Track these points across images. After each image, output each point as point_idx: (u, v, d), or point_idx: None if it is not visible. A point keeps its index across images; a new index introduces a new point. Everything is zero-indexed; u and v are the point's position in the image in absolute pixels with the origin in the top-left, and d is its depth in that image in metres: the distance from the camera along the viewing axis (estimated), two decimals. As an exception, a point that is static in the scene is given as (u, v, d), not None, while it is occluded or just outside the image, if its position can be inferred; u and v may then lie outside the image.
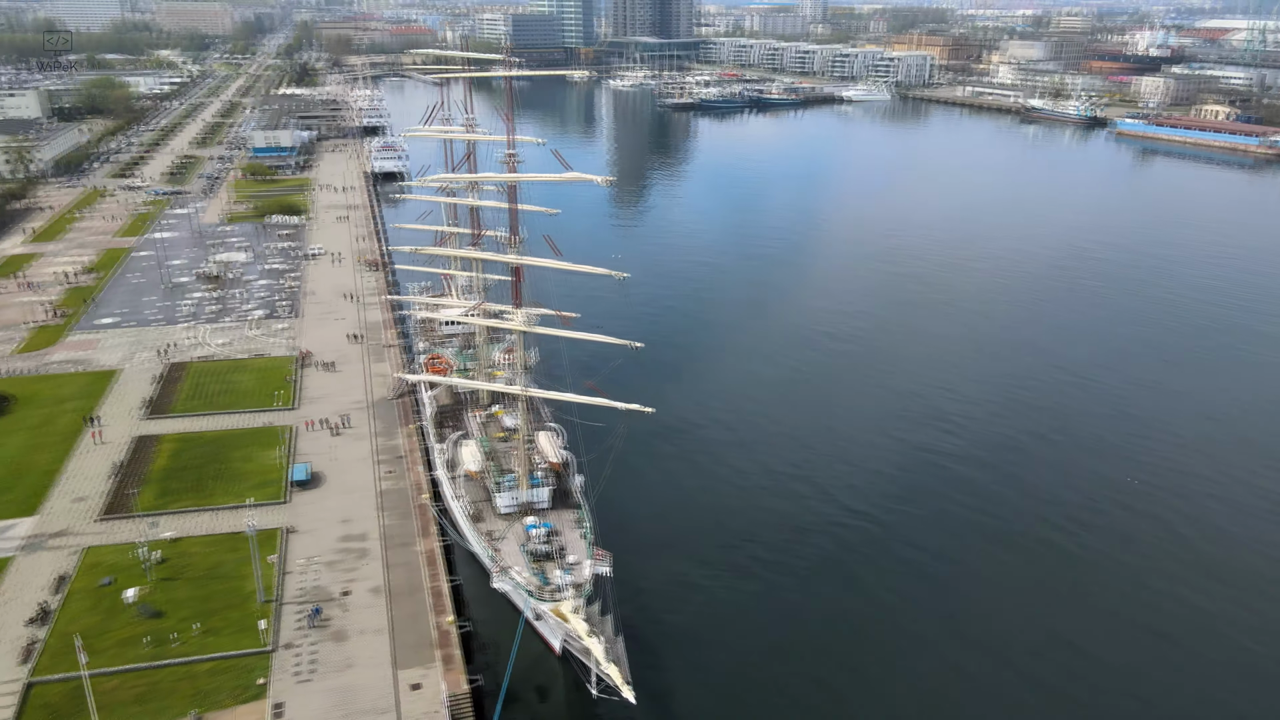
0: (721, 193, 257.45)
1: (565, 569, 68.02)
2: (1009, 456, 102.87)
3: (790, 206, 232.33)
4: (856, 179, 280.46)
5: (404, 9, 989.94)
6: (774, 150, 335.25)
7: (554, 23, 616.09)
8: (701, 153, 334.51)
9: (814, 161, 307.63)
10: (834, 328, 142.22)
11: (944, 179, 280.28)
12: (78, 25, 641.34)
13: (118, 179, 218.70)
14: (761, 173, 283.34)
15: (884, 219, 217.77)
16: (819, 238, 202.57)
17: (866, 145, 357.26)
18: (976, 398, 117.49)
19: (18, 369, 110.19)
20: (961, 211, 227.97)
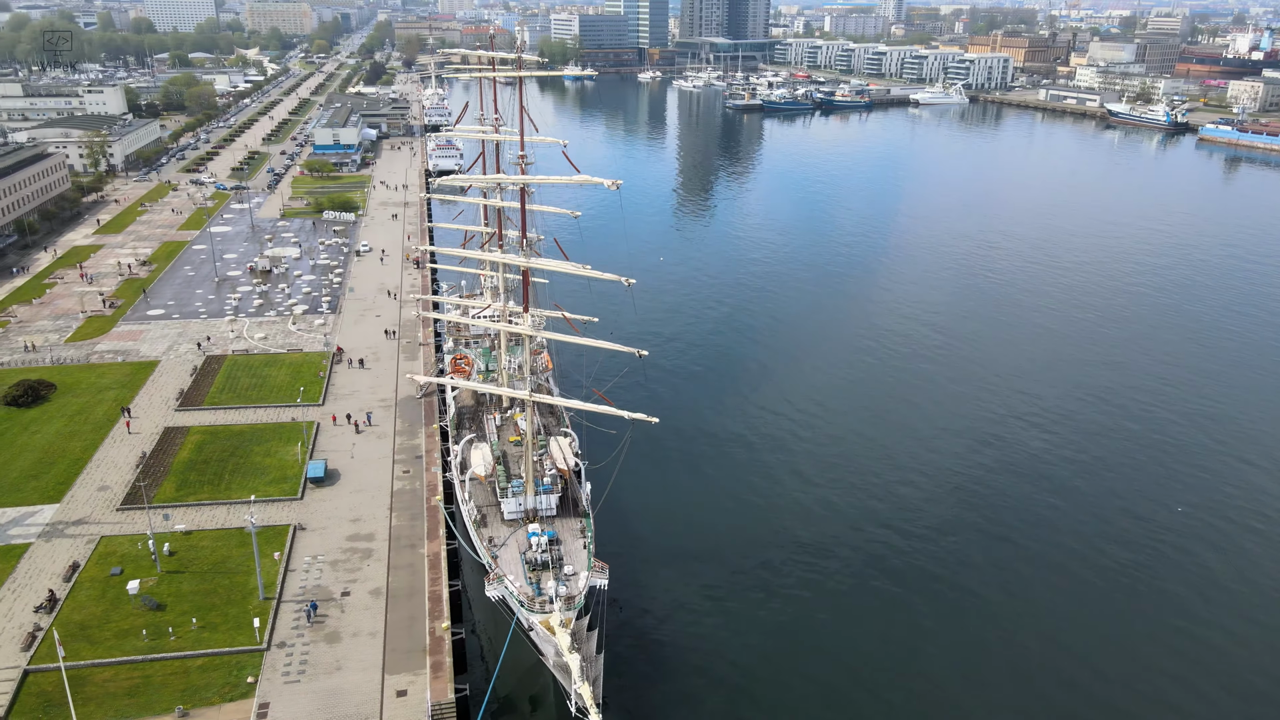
0: (781, 196, 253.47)
1: (561, 580, 66.53)
2: (1056, 477, 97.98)
3: (852, 212, 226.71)
4: (921, 184, 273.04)
5: (485, 9, 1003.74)
6: (837, 153, 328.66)
7: (624, 23, 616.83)
8: (763, 155, 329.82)
9: (878, 165, 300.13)
10: (890, 338, 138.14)
11: (1017, 186, 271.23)
12: (172, 24, 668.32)
13: (187, 173, 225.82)
14: (823, 176, 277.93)
15: (947, 227, 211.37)
16: (879, 244, 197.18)
17: (935, 149, 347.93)
18: (1029, 413, 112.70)
19: (65, 358, 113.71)
20: (1031, 221, 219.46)
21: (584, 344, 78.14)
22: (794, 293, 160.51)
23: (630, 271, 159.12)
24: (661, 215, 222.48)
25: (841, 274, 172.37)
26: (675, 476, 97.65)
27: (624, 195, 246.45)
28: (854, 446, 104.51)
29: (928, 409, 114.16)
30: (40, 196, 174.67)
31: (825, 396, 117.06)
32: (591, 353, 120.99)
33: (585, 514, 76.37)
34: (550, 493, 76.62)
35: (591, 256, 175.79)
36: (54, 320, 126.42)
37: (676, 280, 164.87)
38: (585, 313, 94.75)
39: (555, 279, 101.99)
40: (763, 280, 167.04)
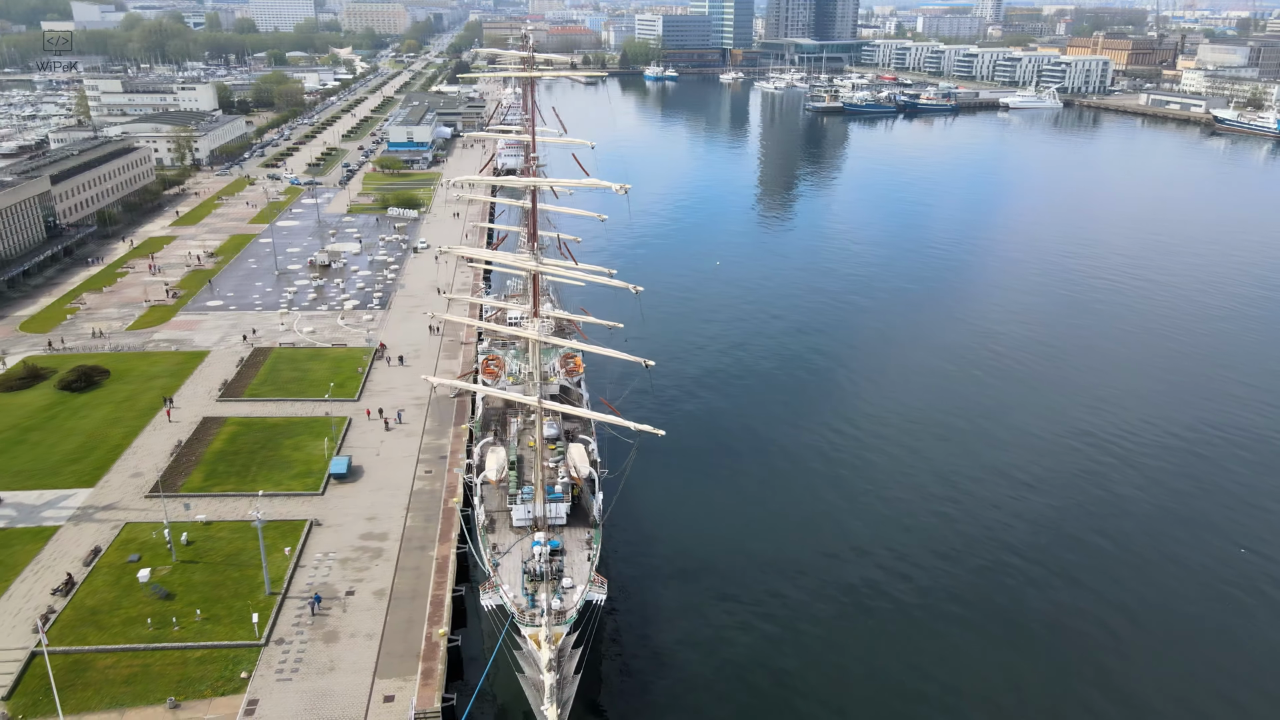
0: (857, 202, 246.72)
1: (557, 592, 65.08)
2: (1122, 513, 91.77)
3: (932, 219, 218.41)
4: (1009, 192, 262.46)
5: (575, 10, 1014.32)
6: (919, 158, 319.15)
7: (708, 24, 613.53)
8: (840, 159, 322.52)
9: (963, 171, 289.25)
10: (968, 353, 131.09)
11: (1114, 196, 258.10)
12: (274, 25, 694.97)
13: (266, 168, 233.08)
14: (903, 182, 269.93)
15: (1036, 239, 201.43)
16: (959, 254, 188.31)
17: (1025, 156, 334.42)
18: (1110, 441, 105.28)
19: (123, 345, 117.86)
20: (1129, 233, 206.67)
21: (601, 352, 76.45)
22: (865, 303, 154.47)
23: (692, 275, 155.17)
24: (731, 218, 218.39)
25: (916, 285, 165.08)
26: (705, 491, 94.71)
27: (694, 198, 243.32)
28: (915, 471, 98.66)
29: (996, 432, 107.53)
30: (124, 189, 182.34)
31: (890, 415, 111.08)
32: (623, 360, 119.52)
33: (595, 525, 74.78)
34: (560, 501, 75.29)
35: (646, 259, 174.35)
36: (119, 308, 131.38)
37: (737, 286, 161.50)
38: (616, 318, 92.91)
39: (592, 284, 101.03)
40: (830, 288, 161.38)
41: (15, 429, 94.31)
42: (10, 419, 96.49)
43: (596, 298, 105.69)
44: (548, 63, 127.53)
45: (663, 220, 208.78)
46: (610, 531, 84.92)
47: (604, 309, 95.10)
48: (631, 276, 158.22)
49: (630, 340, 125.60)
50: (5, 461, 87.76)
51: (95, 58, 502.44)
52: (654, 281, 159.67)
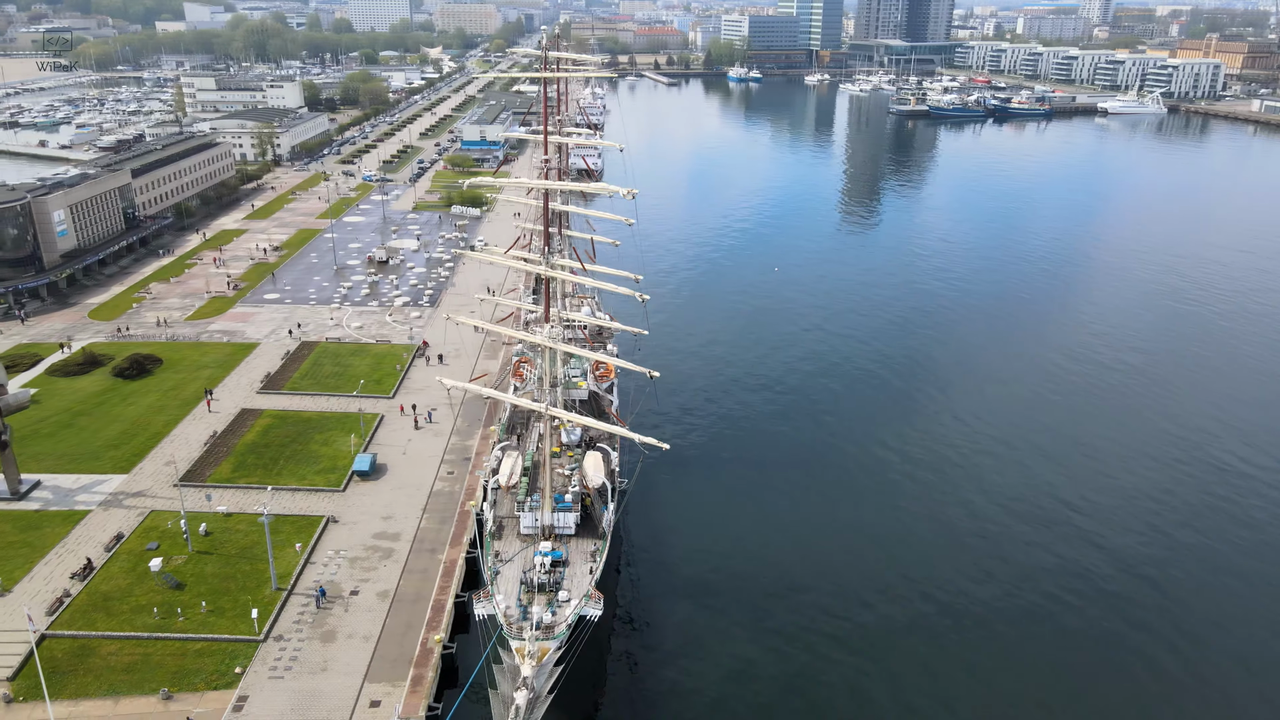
0: (936, 209, 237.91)
1: (551, 605, 63.52)
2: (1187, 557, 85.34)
3: (1020, 230, 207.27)
4: (1107, 202, 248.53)
5: (667, 10, 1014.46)
6: (1008, 164, 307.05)
7: (795, 24, 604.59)
8: (922, 164, 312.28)
9: (1056, 179, 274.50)
10: (1054, 371, 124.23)
11: (1224, 208, 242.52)
12: (370, 25, 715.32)
13: (342, 165, 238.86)
14: (989, 189, 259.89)
15: (1135, 252, 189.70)
16: (1049, 266, 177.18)
17: (1125, 164, 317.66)
18: (1199, 473, 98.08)
19: (180, 335, 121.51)
20: (1242, 247, 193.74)
21: (608, 361, 74.57)
22: (938, 314, 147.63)
23: (750, 280, 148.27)
24: (802, 223, 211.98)
25: (995, 298, 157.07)
26: (734, 506, 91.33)
27: (767, 202, 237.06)
28: (978, 496, 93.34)
29: (1070, 457, 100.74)
30: (203, 183, 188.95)
31: (960, 434, 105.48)
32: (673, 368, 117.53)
33: (603, 536, 72.95)
34: (569, 511, 73.69)
35: (705, 262, 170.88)
36: (182, 299, 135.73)
37: (797, 293, 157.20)
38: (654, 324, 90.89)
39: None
40: (901, 300, 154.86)
41: (67, 413, 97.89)
42: (63, 403, 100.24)
43: (633, 304, 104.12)
44: (573, 63, 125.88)
45: (731, 225, 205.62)
46: (624, 544, 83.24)
47: (637, 317, 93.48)
48: (685, 281, 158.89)
49: (655, 345, 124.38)
50: (51, 445, 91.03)
51: (202, 56, 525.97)
52: (706, 287, 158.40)
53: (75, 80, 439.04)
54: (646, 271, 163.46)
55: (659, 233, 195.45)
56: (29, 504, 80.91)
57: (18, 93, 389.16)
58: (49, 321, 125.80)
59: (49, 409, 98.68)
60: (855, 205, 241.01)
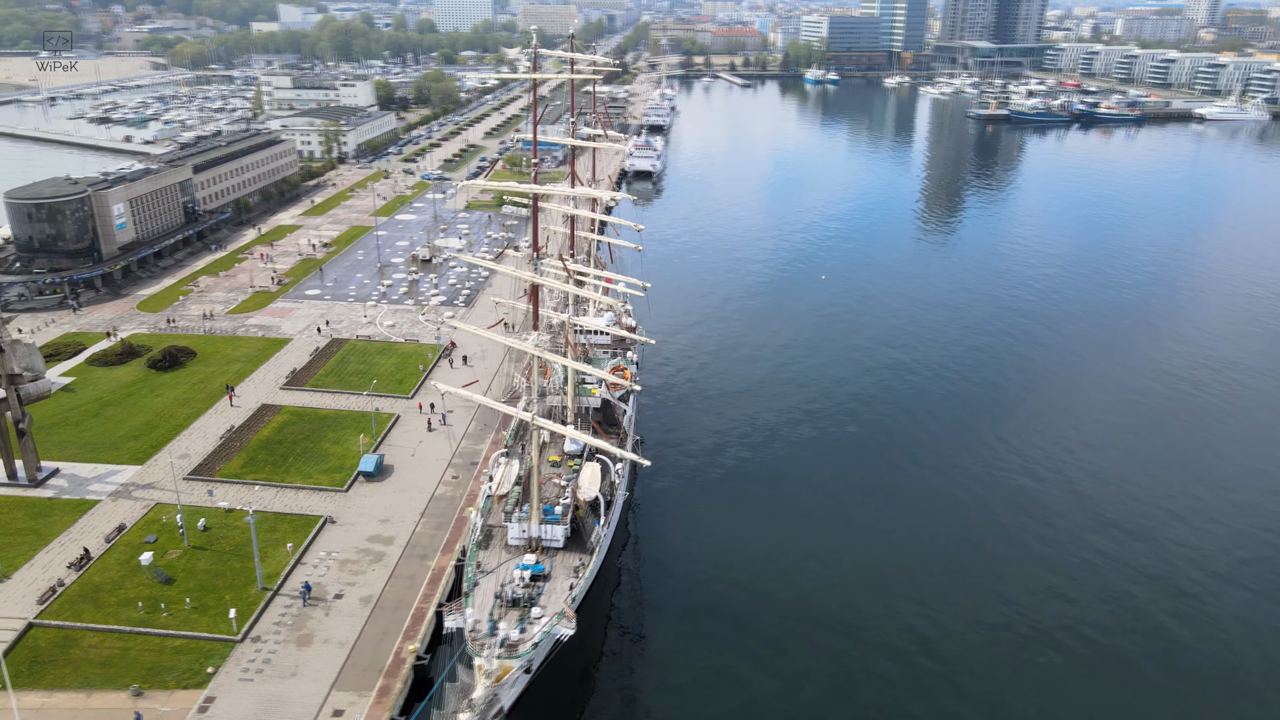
0: (1009, 221, 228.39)
1: (522, 622, 61.64)
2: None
3: (1092, 243, 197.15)
4: (1197, 215, 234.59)
5: (751, 11, 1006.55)
6: (1086, 172, 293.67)
7: (876, 25, 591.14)
8: (997, 172, 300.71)
9: (1138, 189, 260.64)
10: (1147, 395, 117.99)
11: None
12: (454, 25, 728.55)
13: (405, 163, 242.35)
14: (1063, 198, 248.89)
15: (1236, 269, 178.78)
16: (1127, 286, 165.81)
17: (1225, 174, 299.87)
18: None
19: (218, 328, 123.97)
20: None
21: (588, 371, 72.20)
22: (1019, 327, 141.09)
23: (796, 292, 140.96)
24: (871, 232, 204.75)
25: (1083, 313, 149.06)
26: (743, 525, 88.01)
27: (827, 208, 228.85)
28: (1046, 528, 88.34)
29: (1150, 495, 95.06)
30: (265, 179, 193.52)
31: (1014, 457, 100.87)
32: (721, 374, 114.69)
33: (591, 551, 70.80)
34: (557, 523, 71.81)
35: (749, 268, 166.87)
36: (227, 293, 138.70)
37: (841, 302, 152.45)
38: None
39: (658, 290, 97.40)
40: (974, 309, 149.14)
41: (96, 402, 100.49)
42: (96, 392, 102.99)
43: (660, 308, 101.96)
44: (573, 64, 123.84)
45: (792, 232, 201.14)
46: (620, 560, 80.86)
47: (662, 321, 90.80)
48: (729, 288, 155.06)
49: (680, 347, 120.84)
50: (76, 433, 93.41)
51: (290, 55, 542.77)
52: (762, 295, 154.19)
53: (170, 78, 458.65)
54: (699, 278, 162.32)
55: (714, 241, 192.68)
56: (44, 491, 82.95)
57: (116, 90, 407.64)
58: (99, 312, 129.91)
59: (82, 398, 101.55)
60: (927, 213, 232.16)
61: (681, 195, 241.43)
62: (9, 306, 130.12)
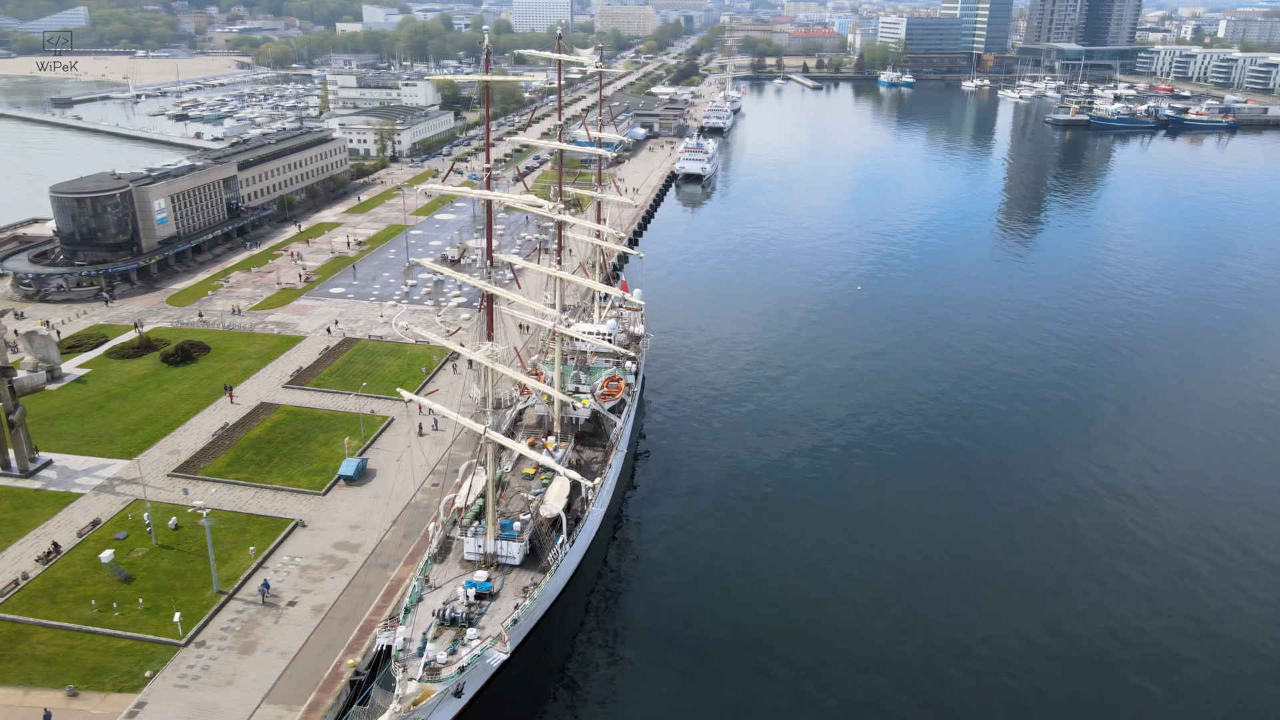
0: (1065, 234, 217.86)
1: (455, 644, 59.38)
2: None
3: (1172, 262, 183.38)
4: None
5: (834, 12, 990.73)
6: (1173, 183, 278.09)
7: (957, 26, 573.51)
8: (1072, 182, 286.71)
9: (1224, 202, 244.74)
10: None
11: None
12: (531, 26, 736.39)
13: (456, 162, 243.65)
14: (1135, 213, 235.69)
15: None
16: (1222, 307, 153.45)
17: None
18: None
19: (237, 324, 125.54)
20: None
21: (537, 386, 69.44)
22: (1101, 346, 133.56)
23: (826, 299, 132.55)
24: (924, 240, 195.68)
25: (1174, 336, 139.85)
26: (737, 548, 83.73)
27: (891, 217, 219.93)
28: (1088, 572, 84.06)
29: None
30: (312, 177, 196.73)
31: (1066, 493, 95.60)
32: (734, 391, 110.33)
33: (546, 570, 68.20)
34: (514, 540, 69.42)
35: (788, 275, 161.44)
36: (255, 289, 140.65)
37: (875, 315, 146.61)
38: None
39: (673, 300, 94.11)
40: (1052, 325, 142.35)
41: (103, 395, 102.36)
42: (106, 385, 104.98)
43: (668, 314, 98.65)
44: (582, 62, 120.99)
45: (840, 237, 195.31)
46: (593, 583, 77.91)
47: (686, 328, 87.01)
48: (763, 297, 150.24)
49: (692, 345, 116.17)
50: (78, 425, 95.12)
51: (368, 55, 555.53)
52: (784, 302, 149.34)
53: (252, 77, 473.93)
54: (734, 286, 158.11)
55: (760, 247, 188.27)
56: (33, 482, 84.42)
57: (200, 87, 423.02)
58: (130, 304, 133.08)
59: (91, 390, 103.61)
60: (1003, 223, 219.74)
61: (734, 199, 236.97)
62: (47, 297, 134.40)
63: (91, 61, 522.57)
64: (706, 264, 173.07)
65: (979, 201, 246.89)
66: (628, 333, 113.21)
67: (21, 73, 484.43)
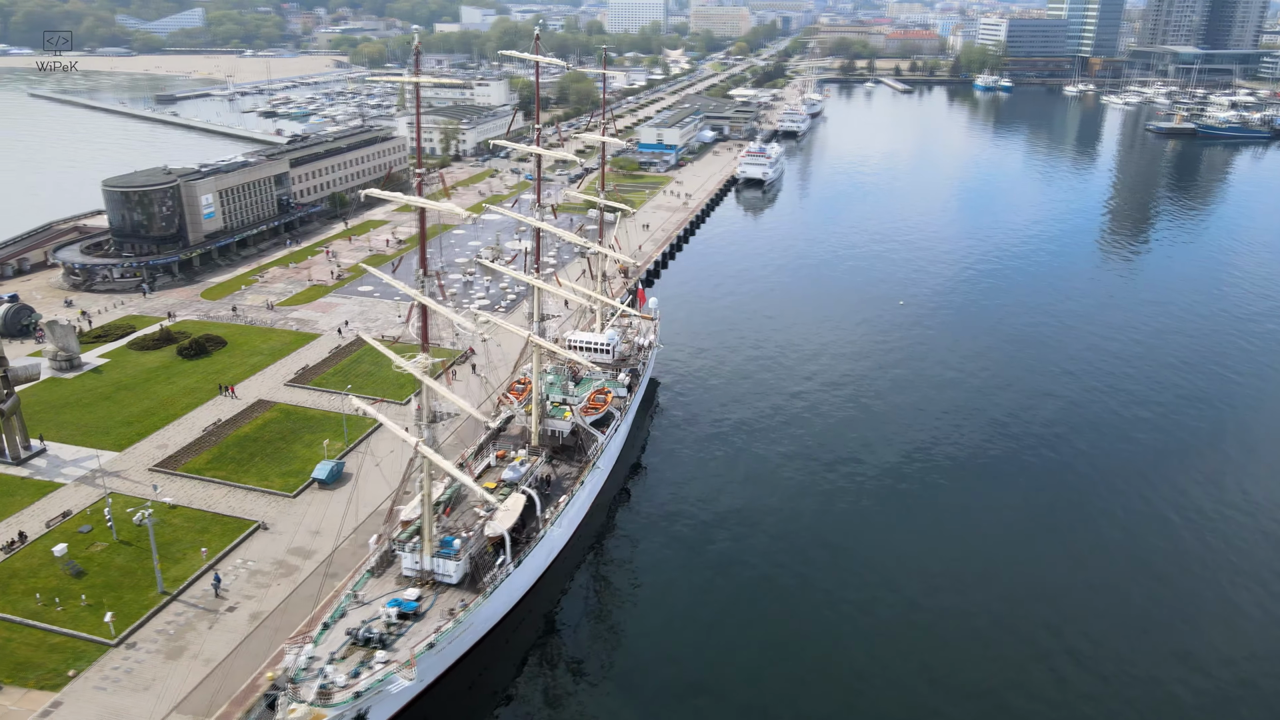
0: (1183, 249, 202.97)
1: (361, 666, 57.01)
2: None
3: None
4: None
5: (943, 14, 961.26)
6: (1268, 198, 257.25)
7: (1063, 28, 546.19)
8: (1171, 198, 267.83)
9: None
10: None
11: None
12: (624, 27, 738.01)
13: (518, 162, 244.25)
14: (1261, 230, 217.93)
15: None
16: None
17: None
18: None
19: (259, 319, 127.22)
20: None
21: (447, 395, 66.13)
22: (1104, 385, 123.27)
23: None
24: (1018, 255, 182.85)
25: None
26: (710, 580, 79.26)
27: (974, 229, 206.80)
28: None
29: None
30: (368, 175, 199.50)
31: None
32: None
33: (482, 592, 65.35)
34: (450, 558, 66.79)
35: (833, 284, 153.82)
36: (287, 285, 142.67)
37: (914, 333, 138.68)
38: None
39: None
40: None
41: (113, 385, 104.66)
42: (118, 376, 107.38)
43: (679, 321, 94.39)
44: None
45: (912, 247, 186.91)
46: (551, 610, 74.63)
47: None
48: (817, 310, 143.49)
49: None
50: (80, 415, 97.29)
51: (460, 55, 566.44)
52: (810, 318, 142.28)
53: (346, 75, 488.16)
54: (797, 298, 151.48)
55: (826, 259, 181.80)
56: (21, 470, 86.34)
57: (295, 85, 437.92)
58: (166, 296, 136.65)
59: (104, 380, 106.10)
60: (1106, 238, 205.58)
61: (799, 206, 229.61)
62: (93, 287, 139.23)
63: (202, 60, 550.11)
64: (755, 273, 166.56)
65: (1084, 215, 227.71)
66: (631, 344, 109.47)
67: (137, 70, 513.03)
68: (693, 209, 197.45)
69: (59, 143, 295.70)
